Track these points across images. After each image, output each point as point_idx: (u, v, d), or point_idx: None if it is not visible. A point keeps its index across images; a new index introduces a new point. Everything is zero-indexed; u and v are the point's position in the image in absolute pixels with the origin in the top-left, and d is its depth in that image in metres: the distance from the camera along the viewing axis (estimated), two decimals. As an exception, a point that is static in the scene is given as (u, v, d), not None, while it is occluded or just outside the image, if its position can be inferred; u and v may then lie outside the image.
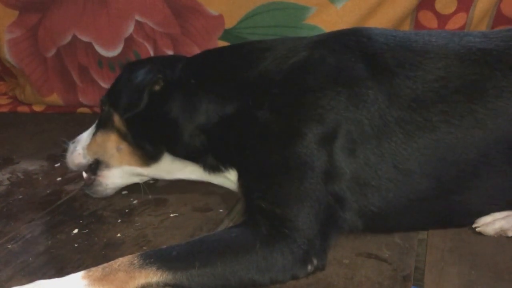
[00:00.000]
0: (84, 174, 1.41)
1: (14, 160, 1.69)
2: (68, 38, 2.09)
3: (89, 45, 2.07)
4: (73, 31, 2.07)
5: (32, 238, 1.22)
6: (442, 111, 1.07)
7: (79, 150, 1.38)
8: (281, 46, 1.22)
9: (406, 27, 1.81)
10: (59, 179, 1.53)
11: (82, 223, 1.28)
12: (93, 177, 1.39)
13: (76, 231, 1.24)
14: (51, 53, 2.14)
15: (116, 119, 1.31)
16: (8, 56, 2.16)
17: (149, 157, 1.32)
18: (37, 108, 2.23)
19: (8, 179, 1.55)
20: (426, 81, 1.09)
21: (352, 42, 1.17)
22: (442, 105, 1.08)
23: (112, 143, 1.33)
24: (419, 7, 1.77)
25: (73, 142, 1.41)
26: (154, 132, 1.29)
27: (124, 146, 1.32)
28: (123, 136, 1.32)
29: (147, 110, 1.24)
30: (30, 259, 1.13)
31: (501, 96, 1.07)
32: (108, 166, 1.36)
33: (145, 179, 1.42)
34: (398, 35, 1.20)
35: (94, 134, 1.38)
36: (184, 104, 1.24)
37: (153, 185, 1.46)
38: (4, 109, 2.25)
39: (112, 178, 1.38)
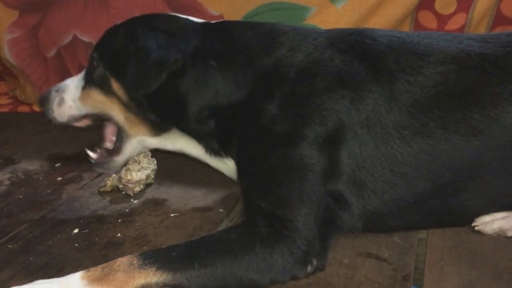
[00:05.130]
0: (91, 153, 1.41)
1: (14, 160, 1.69)
2: (69, 38, 2.09)
3: (89, 45, 2.07)
4: (73, 31, 2.07)
5: (33, 238, 1.22)
6: (439, 116, 1.08)
7: (69, 102, 1.37)
8: (297, 36, 1.21)
9: (406, 27, 1.81)
10: (59, 179, 1.53)
11: (82, 223, 1.28)
12: (106, 155, 1.40)
13: (76, 230, 1.24)
14: (51, 53, 2.14)
15: (116, 86, 1.27)
16: (8, 56, 2.16)
17: (157, 127, 1.30)
18: (38, 108, 2.23)
19: (8, 179, 1.55)
20: (425, 87, 1.10)
21: (358, 43, 1.18)
22: (439, 111, 1.08)
23: (117, 111, 1.31)
24: (418, 7, 1.77)
25: (57, 91, 1.39)
26: (160, 107, 1.25)
27: (129, 116, 1.29)
28: (124, 105, 1.28)
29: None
30: (31, 258, 1.13)
31: (497, 103, 1.07)
32: (127, 133, 1.35)
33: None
34: (401, 36, 1.20)
35: (87, 88, 1.34)
36: (197, 83, 1.20)
37: (153, 185, 1.46)
38: (5, 109, 2.25)
39: (128, 151, 1.38)
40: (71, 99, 1.37)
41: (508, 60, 1.11)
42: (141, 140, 1.36)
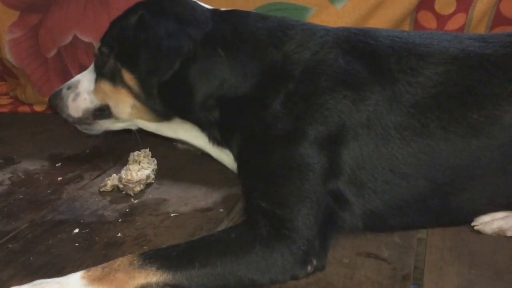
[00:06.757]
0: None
1: (15, 160, 1.69)
2: (69, 38, 2.09)
3: (89, 45, 2.07)
4: (73, 32, 2.07)
5: (33, 238, 1.22)
6: (439, 117, 1.08)
7: (84, 94, 1.37)
8: (306, 32, 1.21)
9: (406, 27, 1.81)
10: (60, 178, 1.54)
11: (82, 222, 1.28)
12: (94, 120, 1.39)
13: (76, 230, 1.24)
14: (52, 53, 2.14)
15: (128, 77, 1.26)
16: (9, 56, 2.16)
17: (161, 116, 1.31)
18: (38, 108, 2.23)
19: (9, 178, 1.56)
20: (426, 87, 1.10)
21: (361, 44, 1.18)
22: (439, 111, 1.09)
23: (124, 100, 1.30)
24: (418, 8, 1.77)
25: (68, 88, 1.40)
26: (168, 95, 1.25)
27: (136, 103, 1.29)
28: (135, 95, 1.28)
29: None
30: (31, 258, 1.14)
31: (497, 104, 1.07)
32: (118, 119, 1.37)
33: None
34: (403, 36, 1.20)
35: (98, 81, 1.35)
36: (204, 71, 1.20)
37: (153, 185, 1.47)
38: (5, 109, 2.25)
39: (115, 125, 1.40)
40: (86, 92, 1.37)
41: (508, 60, 1.11)
42: (138, 123, 1.37)
